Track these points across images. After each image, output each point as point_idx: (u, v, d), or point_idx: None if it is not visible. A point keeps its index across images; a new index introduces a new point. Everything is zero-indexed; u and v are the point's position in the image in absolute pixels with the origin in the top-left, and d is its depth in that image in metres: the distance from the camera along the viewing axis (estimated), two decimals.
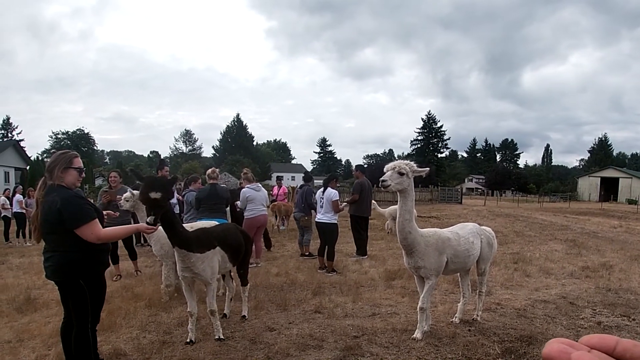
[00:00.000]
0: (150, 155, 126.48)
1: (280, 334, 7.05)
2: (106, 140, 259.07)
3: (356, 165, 14.38)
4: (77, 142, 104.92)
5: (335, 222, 11.76)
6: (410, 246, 6.56)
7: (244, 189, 11.96)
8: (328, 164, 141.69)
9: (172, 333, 7.03)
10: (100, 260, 5.19)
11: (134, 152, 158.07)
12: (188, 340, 6.47)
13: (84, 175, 5.18)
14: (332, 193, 11.66)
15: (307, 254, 13.74)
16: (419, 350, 6.48)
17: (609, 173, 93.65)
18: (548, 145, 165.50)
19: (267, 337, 6.90)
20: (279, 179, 20.76)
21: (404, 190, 6.30)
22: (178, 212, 12.45)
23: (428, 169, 6.68)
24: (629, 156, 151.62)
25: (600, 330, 7.72)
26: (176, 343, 6.61)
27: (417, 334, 6.83)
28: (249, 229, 11.55)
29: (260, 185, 12.33)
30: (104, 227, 5.09)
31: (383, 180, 6.14)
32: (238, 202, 11.97)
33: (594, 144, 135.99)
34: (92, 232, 4.75)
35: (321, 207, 11.81)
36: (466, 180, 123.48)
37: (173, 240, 5.97)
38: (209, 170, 11.22)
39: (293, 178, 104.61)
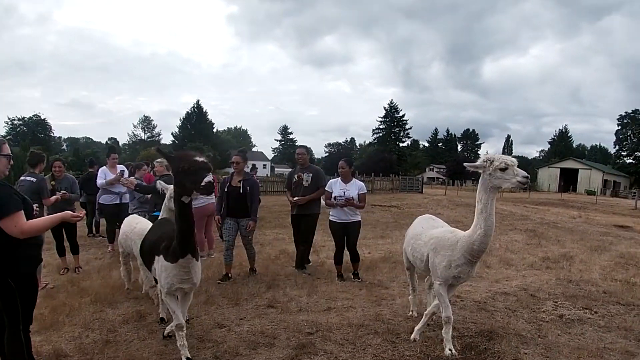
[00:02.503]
0: (109, 142, 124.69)
1: (230, 331, 6.79)
2: (63, 127, 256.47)
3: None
4: (34, 129, 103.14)
5: (360, 218, 9.94)
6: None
7: None
8: (289, 152, 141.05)
9: (117, 331, 6.70)
10: (31, 256, 4.79)
11: (91, 139, 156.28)
12: (184, 359, 5.68)
13: (12, 162, 4.78)
14: (361, 184, 9.87)
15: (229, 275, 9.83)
16: (375, 348, 6.28)
17: (569, 164, 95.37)
18: (509, 136, 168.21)
19: (216, 335, 6.64)
20: (255, 167, 20.18)
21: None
22: (128, 200, 12.04)
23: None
24: (589, 148, 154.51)
25: (562, 323, 7.63)
26: (120, 342, 6.30)
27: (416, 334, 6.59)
28: (198, 219, 11.20)
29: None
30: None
31: (526, 176, 5.59)
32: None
33: (554, 136, 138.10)
34: (16, 225, 4.35)
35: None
36: (427, 169, 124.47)
37: (186, 248, 5.33)
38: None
39: (253, 166, 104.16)
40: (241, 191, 9.24)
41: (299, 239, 10.53)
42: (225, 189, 9.42)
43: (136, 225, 7.99)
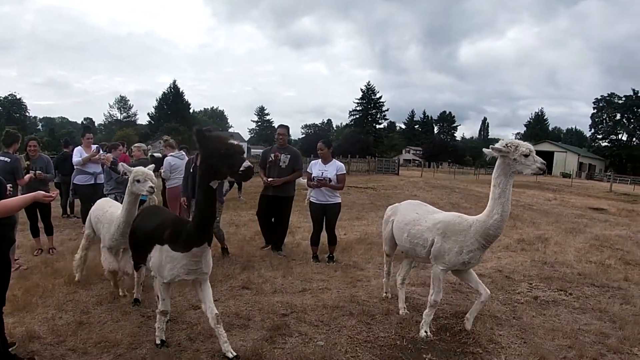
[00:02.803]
0: (84, 122, 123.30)
1: (204, 312, 6.66)
2: (39, 107, 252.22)
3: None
4: (9, 108, 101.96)
5: (339, 200, 9.81)
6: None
7: (167, 158, 11.42)
8: (266, 133, 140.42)
9: (90, 313, 6.61)
10: (4, 236, 4.69)
11: (67, 119, 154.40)
12: (159, 342, 5.61)
13: None
14: (340, 165, 9.73)
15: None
16: (350, 329, 6.26)
17: (545, 147, 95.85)
18: (485, 119, 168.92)
19: (190, 316, 6.59)
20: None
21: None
22: (103, 181, 11.92)
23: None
24: (564, 131, 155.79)
25: (537, 305, 7.65)
26: (93, 324, 6.22)
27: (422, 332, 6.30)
28: (173, 200, 11.12)
29: (184, 153, 11.86)
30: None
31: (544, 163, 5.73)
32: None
33: (530, 118, 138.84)
34: None
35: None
36: (403, 151, 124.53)
37: (205, 235, 5.06)
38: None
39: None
40: None
41: (275, 222, 10.37)
42: (191, 170, 9.05)
43: (109, 209, 7.55)
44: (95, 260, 8.81)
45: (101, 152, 11.88)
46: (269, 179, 9.57)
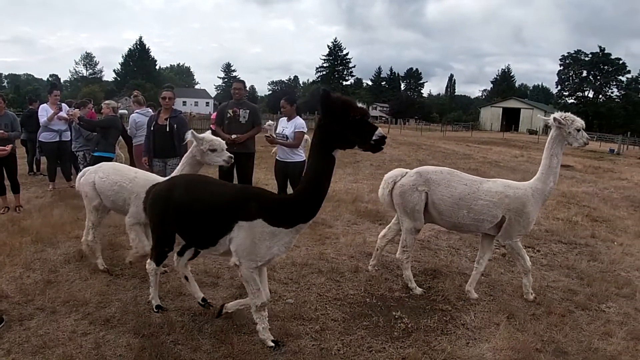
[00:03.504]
0: (50, 79, 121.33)
1: (173, 271, 6.60)
2: (4, 63, 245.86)
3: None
4: None
5: (303, 158, 9.30)
6: None
7: (132, 115, 11.15)
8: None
9: (58, 271, 6.53)
10: None
11: (32, 76, 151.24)
12: (271, 343, 4.86)
13: None
14: (300, 123, 9.32)
15: None
16: (319, 287, 6.26)
17: (511, 104, 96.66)
18: (452, 76, 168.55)
19: (159, 275, 6.45)
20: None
21: None
22: (69, 138, 11.99)
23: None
24: (531, 88, 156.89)
25: (505, 262, 7.71)
26: (62, 282, 6.15)
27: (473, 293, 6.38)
28: (139, 157, 10.94)
29: (150, 110, 11.63)
30: None
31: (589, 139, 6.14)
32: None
33: (496, 75, 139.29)
34: None
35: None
36: (370, 108, 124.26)
37: (315, 212, 4.45)
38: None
39: (196, 104, 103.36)
40: (167, 129, 8.49)
41: (238, 181, 10.17)
42: (152, 128, 8.66)
43: (136, 176, 6.48)
44: (62, 218, 8.71)
45: (67, 108, 11.86)
46: (233, 136, 9.30)
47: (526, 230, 6.22)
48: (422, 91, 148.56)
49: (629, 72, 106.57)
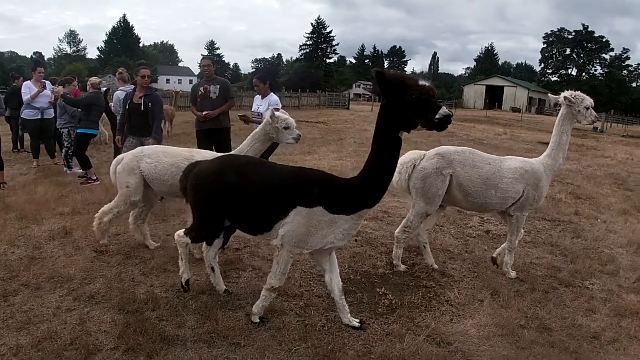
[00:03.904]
0: (34, 57, 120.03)
1: (157, 247, 6.67)
2: None
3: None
4: None
5: None
6: None
7: (116, 92, 11.12)
8: (216, 68, 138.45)
9: (43, 248, 6.49)
10: None
11: (16, 53, 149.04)
12: (257, 320, 4.81)
13: None
14: (274, 100, 9.09)
15: None
16: (303, 263, 6.24)
17: (494, 81, 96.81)
18: (435, 54, 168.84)
19: (143, 251, 6.53)
20: (108, 90, 19.24)
21: None
22: (52, 116, 12.03)
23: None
24: (514, 65, 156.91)
25: (488, 239, 7.73)
26: (46, 259, 6.12)
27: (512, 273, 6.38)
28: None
29: (134, 87, 11.58)
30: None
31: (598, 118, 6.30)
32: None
33: (480, 53, 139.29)
34: None
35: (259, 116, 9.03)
36: (354, 86, 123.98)
37: (380, 196, 4.28)
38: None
39: (180, 81, 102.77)
40: (142, 108, 8.44)
41: None
42: (127, 106, 8.65)
43: (191, 153, 6.31)
44: (46, 195, 8.65)
45: (48, 86, 11.93)
46: (204, 113, 9.19)
47: (537, 205, 6.37)
48: (405, 69, 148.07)
49: (612, 50, 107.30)
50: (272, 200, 4.41)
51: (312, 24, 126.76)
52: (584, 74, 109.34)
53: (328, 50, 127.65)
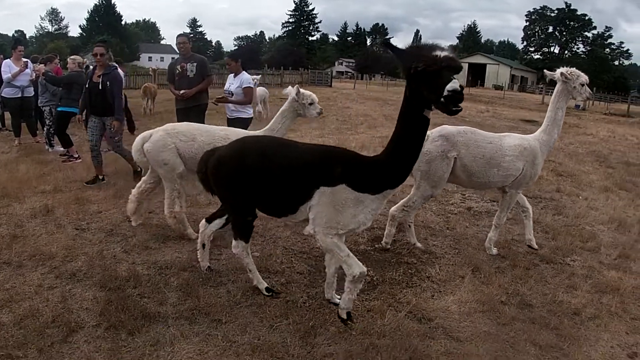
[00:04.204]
0: (15, 35, 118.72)
1: (139, 224, 6.67)
2: None
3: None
4: None
5: (247, 115, 9.01)
6: None
7: None
8: (198, 45, 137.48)
9: (24, 226, 6.48)
10: None
11: None
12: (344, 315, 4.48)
13: None
14: (246, 78, 8.99)
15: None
16: (285, 240, 6.28)
17: (477, 59, 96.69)
18: (418, 31, 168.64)
19: (125, 229, 6.54)
20: (88, 66, 18.99)
21: None
22: (33, 94, 12.00)
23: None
24: (497, 43, 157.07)
25: (470, 216, 7.74)
26: (28, 237, 6.11)
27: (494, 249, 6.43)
28: None
29: (116, 65, 11.50)
30: None
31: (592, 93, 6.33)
32: None
33: (462, 31, 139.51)
34: None
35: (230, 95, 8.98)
36: (336, 63, 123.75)
37: (403, 178, 4.05)
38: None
39: (162, 59, 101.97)
40: (100, 87, 8.22)
41: None
42: (87, 85, 8.47)
43: (225, 132, 6.30)
44: (28, 173, 8.59)
45: (29, 65, 11.83)
46: (181, 92, 9.08)
47: (532, 181, 6.44)
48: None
49: (594, 28, 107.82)
50: (295, 182, 4.22)
51: (294, 1, 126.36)
52: (566, 52, 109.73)
53: (311, 28, 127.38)
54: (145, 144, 6.07)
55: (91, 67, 9.32)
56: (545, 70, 6.50)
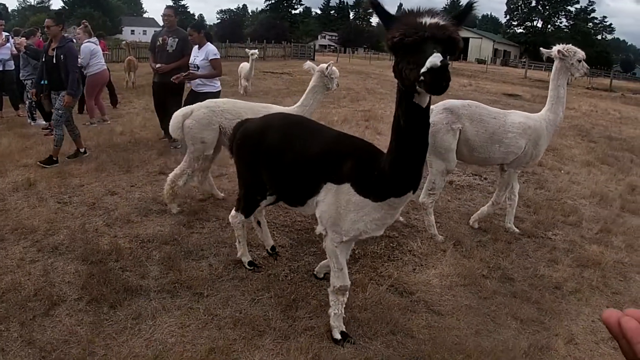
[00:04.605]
0: None
1: (121, 197, 6.70)
2: None
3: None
4: None
5: (214, 89, 8.73)
6: None
7: (85, 44, 10.84)
8: (181, 19, 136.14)
9: (6, 200, 6.46)
10: None
11: None
12: (338, 336, 3.99)
13: None
14: (211, 49, 8.71)
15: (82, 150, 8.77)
16: (267, 214, 6.16)
17: (460, 33, 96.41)
18: (401, 4, 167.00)
19: (107, 202, 6.53)
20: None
21: None
22: (14, 67, 11.86)
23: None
24: (480, 17, 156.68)
25: (452, 189, 7.73)
26: (10, 210, 6.11)
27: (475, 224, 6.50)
28: (93, 87, 10.89)
29: (97, 40, 11.39)
30: None
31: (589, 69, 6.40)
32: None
33: (446, 4, 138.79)
34: None
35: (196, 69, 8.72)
36: (319, 37, 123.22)
37: (409, 183, 3.26)
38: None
39: (144, 32, 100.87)
40: (54, 61, 7.95)
41: (160, 110, 9.63)
42: (43, 59, 8.21)
43: (264, 108, 6.14)
44: (10, 146, 8.54)
45: (10, 40, 11.72)
46: (157, 65, 8.91)
47: (535, 161, 6.42)
48: (371, 20, 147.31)
49: (577, 2, 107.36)
50: (305, 172, 3.86)
51: None
52: (549, 26, 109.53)
53: (293, 1, 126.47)
54: (187, 120, 5.90)
55: (74, 40, 9.17)
56: (541, 49, 6.43)
